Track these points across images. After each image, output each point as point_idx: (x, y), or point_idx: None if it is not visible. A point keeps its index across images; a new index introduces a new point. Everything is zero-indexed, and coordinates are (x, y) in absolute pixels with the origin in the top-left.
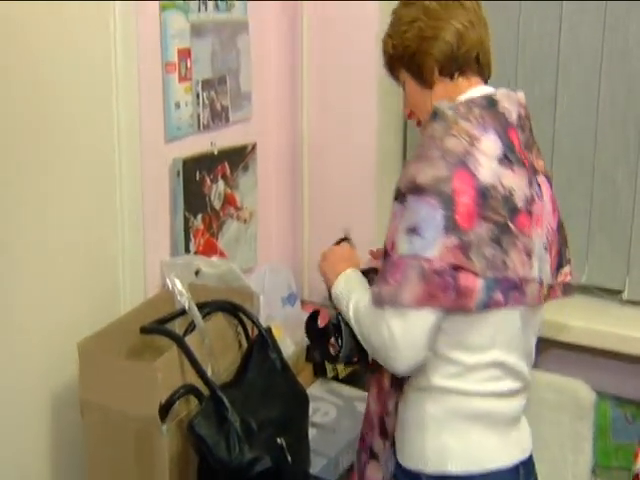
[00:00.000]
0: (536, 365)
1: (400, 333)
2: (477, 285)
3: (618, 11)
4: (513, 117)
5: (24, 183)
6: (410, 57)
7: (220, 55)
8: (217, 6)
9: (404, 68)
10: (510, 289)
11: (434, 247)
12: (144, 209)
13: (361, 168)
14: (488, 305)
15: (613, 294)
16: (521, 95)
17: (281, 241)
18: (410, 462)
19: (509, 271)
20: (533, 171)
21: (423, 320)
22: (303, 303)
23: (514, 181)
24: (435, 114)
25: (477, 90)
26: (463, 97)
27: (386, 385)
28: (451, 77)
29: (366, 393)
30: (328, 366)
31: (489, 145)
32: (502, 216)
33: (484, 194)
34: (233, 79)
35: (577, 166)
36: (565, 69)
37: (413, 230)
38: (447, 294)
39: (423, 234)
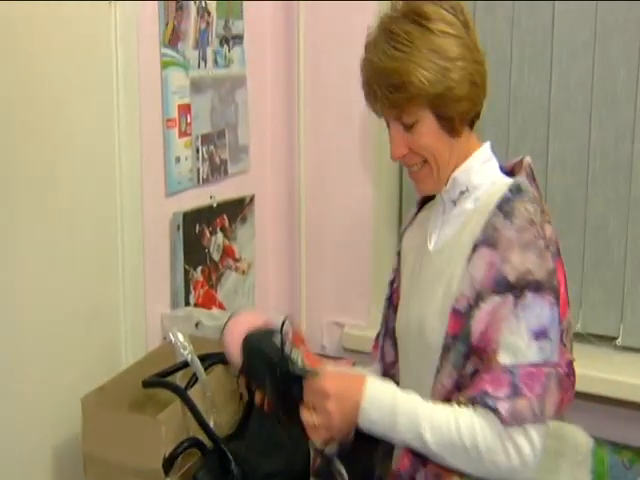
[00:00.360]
0: None
1: (541, 446)
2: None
3: (607, 59)
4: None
5: (28, 238)
6: (449, 100)
7: (219, 110)
8: (216, 61)
9: (429, 108)
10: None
11: (557, 346)
12: (145, 262)
13: (358, 218)
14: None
15: (608, 341)
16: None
17: (278, 292)
18: None
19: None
20: None
21: (547, 430)
22: None
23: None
24: (520, 190)
25: (484, 151)
26: (476, 158)
27: None
28: (470, 127)
29: None
30: None
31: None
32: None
33: (566, 279)
34: (232, 133)
35: (569, 216)
36: (556, 120)
37: (542, 334)
38: (570, 394)
39: (552, 337)
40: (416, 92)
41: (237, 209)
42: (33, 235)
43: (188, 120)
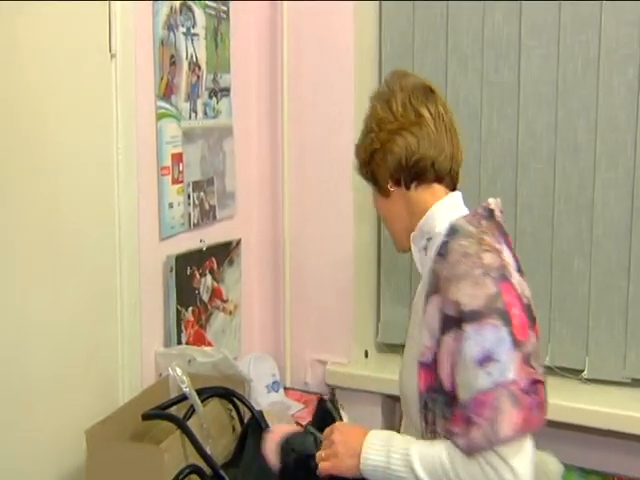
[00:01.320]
0: None
1: (520, 461)
2: (542, 406)
3: (568, 111)
4: (504, 225)
5: (34, 280)
6: (362, 165)
7: (208, 158)
8: (205, 113)
9: (368, 178)
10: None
11: (512, 367)
12: (141, 302)
13: (339, 260)
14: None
15: (574, 373)
16: (500, 201)
17: (263, 331)
18: None
19: (541, 374)
20: None
21: (530, 447)
22: (286, 390)
23: (528, 290)
24: (454, 231)
25: (449, 199)
26: (438, 207)
27: None
28: (407, 187)
29: None
30: None
31: (508, 255)
32: (533, 317)
33: (524, 303)
34: (219, 180)
35: (537, 256)
36: (523, 167)
37: (487, 359)
38: (537, 413)
39: (499, 358)
40: (356, 166)
41: (225, 252)
42: (38, 277)
43: (180, 168)
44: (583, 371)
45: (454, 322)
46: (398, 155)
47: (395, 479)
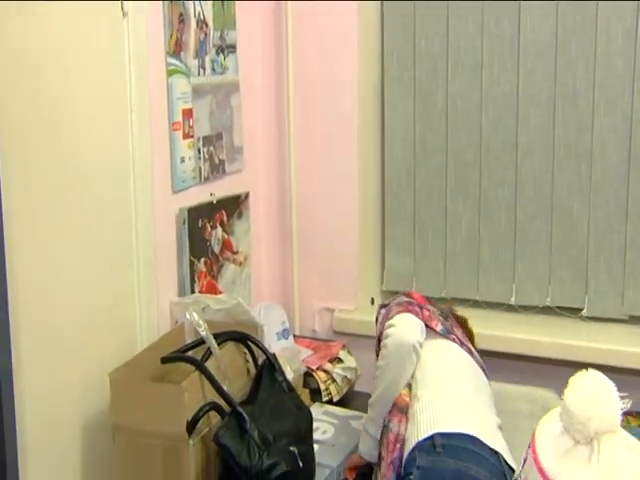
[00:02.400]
0: (511, 379)
1: (399, 319)
2: (438, 321)
3: (566, 58)
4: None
5: (58, 238)
6: None
7: (217, 113)
8: (213, 69)
9: None
10: (461, 344)
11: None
12: (156, 254)
13: (345, 210)
14: (446, 335)
15: (574, 312)
16: None
17: (272, 281)
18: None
19: (457, 334)
20: None
21: (412, 315)
22: (295, 337)
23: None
24: None
25: None
26: None
27: None
28: None
29: (358, 412)
30: (323, 390)
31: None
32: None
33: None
34: (228, 135)
35: (538, 201)
36: (523, 114)
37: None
38: (418, 314)
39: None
40: None
41: (234, 205)
42: (60, 231)
43: (191, 123)
44: (582, 309)
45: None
46: None
47: (367, 425)
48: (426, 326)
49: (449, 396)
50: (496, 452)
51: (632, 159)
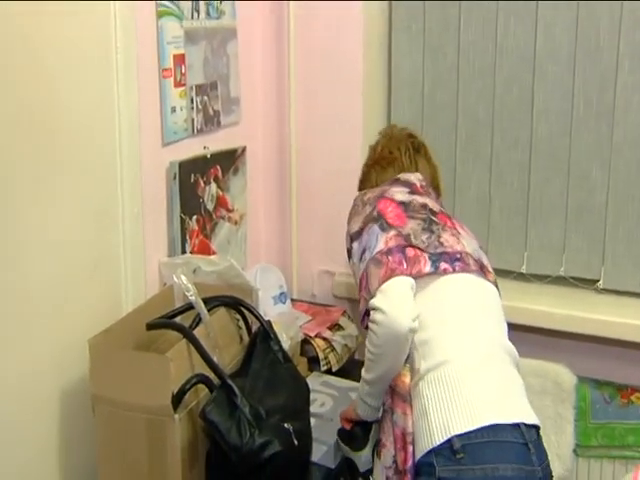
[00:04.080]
0: (521, 352)
1: (386, 298)
2: (423, 256)
3: (589, 10)
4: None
5: (31, 190)
6: None
7: (211, 61)
8: (208, 13)
9: None
10: (453, 260)
11: (378, 244)
12: (144, 211)
13: (347, 169)
14: (437, 271)
15: (590, 284)
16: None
17: (270, 242)
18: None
19: (447, 247)
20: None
21: (397, 282)
22: (293, 301)
23: (425, 200)
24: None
25: None
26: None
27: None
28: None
29: (358, 384)
30: (322, 359)
31: (396, 189)
32: (424, 214)
33: (404, 204)
34: (223, 84)
35: (553, 163)
36: (541, 70)
37: (363, 252)
38: (402, 265)
39: (369, 245)
40: None
41: (229, 160)
42: (36, 186)
43: (183, 70)
44: (598, 281)
45: (348, 250)
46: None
47: (364, 396)
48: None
49: (457, 369)
50: (517, 425)
51: None
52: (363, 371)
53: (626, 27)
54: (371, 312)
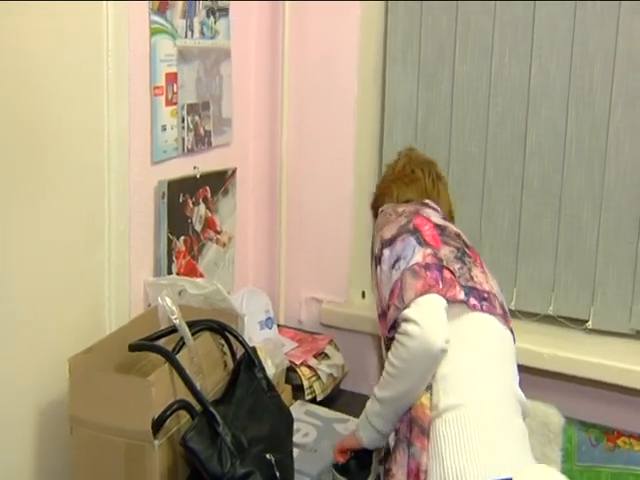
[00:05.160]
0: None
1: (422, 311)
2: (457, 284)
3: (583, 50)
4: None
5: (16, 204)
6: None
7: (204, 81)
8: (202, 32)
9: None
10: (482, 298)
11: (415, 256)
12: (130, 229)
13: (339, 194)
14: (468, 305)
15: (579, 323)
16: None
17: (258, 266)
18: None
19: (477, 284)
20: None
21: (435, 299)
22: (279, 327)
23: (458, 229)
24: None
25: None
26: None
27: None
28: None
29: (344, 415)
30: (307, 388)
31: (430, 211)
32: (459, 243)
33: (440, 227)
34: (216, 105)
35: (545, 201)
36: (534, 107)
37: (397, 260)
38: (439, 285)
39: (405, 255)
40: None
41: (219, 181)
42: (22, 201)
43: (175, 89)
44: (587, 321)
45: (377, 256)
46: None
47: (372, 417)
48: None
49: (477, 414)
50: None
51: None
52: (376, 388)
53: (619, 70)
54: (403, 323)
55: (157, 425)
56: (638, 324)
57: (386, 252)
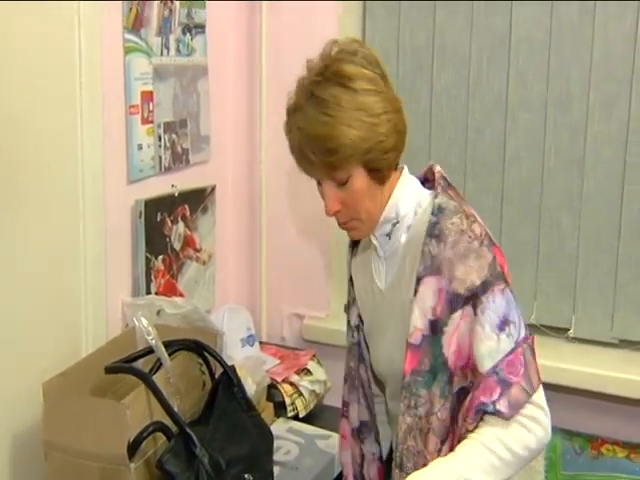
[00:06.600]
0: None
1: (545, 403)
2: None
3: (560, 59)
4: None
5: None
6: (379, 153)
7: (181, 98)
8: (179, 50)
9: (361, 163)
10: None
11: (521, 323)
12: (106, 250)
13: (319, 210)
14: None
15: (560, 332)
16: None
17: (239, 283)
18: None
19: None
20: None
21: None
22: (262, 344)
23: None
24: (441, 210)
25: (406, 178)
26: (401, 189)
27: None
28: (395, 168)
29: (326, 431)
30: (289, 405)
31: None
32: None
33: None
34: (193, 122)
35: (525, 210)
36: (513, 117)
37: (504, 323)
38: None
39: (513, 319)
40: (350, 152)
41: (198, 199)
42: None
43: (151, 107)
44: (569, 330)
45: (465, 299)
46: (405, 136)
47: None
48: None
49: None
50: None
51: (627, 169)
52: (476, 473)
53: (596, 78)
54: (534, 409)
55: (133, 448)
56: (620, 333)
57: (486, 302)
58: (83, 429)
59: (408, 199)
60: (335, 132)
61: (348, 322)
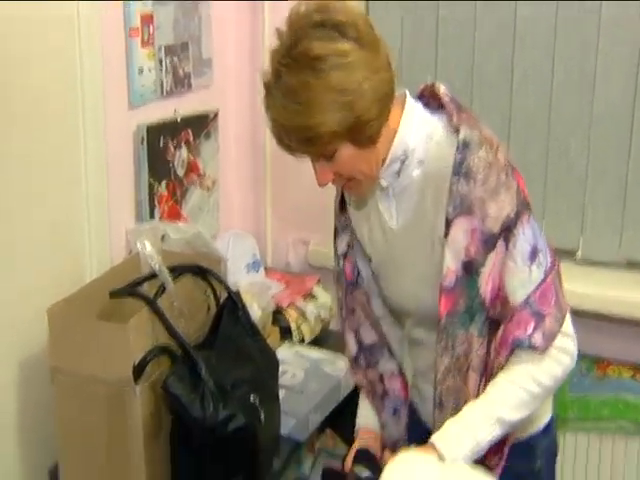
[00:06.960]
0: None
1: (572, 329)
2: None
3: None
4: None
5: None
6: (362, 126)
7: (182, 21)
8: None
9: (346, 139)
10: None
11: (547, 250)
12: (108, 176)
13: None
14: None
15: (568, 254)
16: None
17: (244, 209)
18: None
19: None
20: None
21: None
22: (267, 270)
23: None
24: (466, 144)
25: (408, 107)
26: (406, 122)
27: None
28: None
29: (332, 355)
30: (294, 329)
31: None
32: None
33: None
34: (195, 45)
35: (533, 131)
36: (521, 37)
37: (534, 253)
38: None
39: (540, 247)
40: (328, 138)
41: (201, 124)
42: None
43: (151, 30)
44: (577, 252)
45: (498, 236)
46: (394, 88)
47: (485, 444)
48: None
49: None
50: None
51: (639, 90)
52: (505, 410)
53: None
54: (564, 339)
55: (138, 370)
56: (627, 252)
57: (517, 233)
58: (88, 353)
59: (415, 131)
60: (310, 121)
61: (335, 250)
